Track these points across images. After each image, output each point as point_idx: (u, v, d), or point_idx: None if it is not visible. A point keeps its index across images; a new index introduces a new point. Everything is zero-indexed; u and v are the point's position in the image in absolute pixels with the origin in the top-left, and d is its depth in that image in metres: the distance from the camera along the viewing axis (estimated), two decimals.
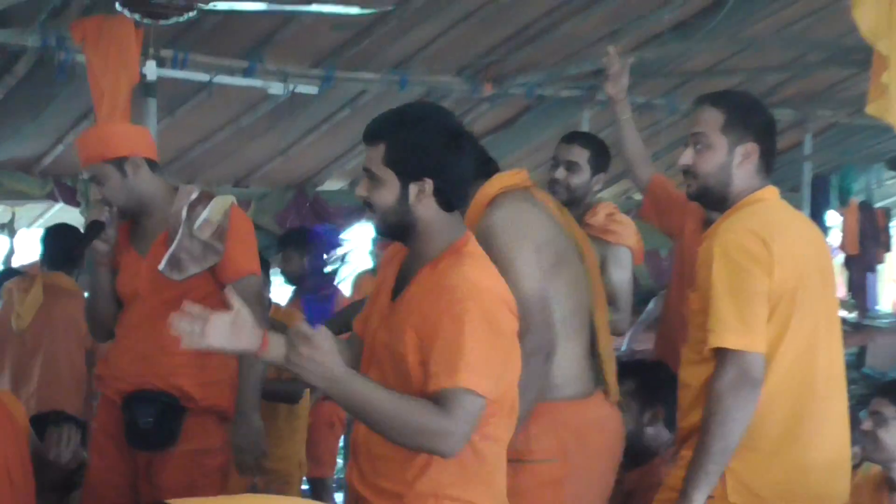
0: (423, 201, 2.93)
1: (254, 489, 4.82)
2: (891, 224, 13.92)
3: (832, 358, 3.45)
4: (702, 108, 3.54)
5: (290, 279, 7.17)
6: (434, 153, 2.94)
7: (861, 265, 13.15)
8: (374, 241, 8.49)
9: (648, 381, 4.40)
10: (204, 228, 4.13)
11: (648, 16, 7.35)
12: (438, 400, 2.73)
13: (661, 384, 4.23)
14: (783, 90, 9.83)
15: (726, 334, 3.27)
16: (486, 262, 2.99)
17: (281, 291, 7.55)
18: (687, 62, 8.35)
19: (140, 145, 4.27)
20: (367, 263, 8.76)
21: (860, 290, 13.34)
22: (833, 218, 12.91)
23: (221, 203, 4.21)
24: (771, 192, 3.50)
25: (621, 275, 4.82)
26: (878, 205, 13.30)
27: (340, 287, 7.80)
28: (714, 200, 3.54)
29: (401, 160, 2.91)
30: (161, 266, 4.13)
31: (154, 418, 4.17)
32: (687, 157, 3.51)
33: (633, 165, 4.77)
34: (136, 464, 4.27)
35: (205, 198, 4.21)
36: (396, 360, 2.88)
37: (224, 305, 2.78)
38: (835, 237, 13.18)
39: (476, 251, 2.99)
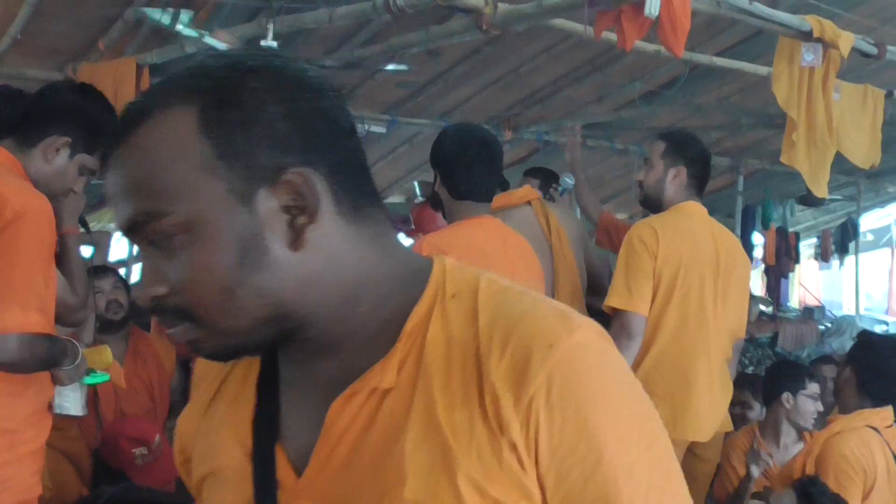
0: (440, 189, 2.96)
1: None
2: (799, 244, 13.82)
3: (716, 333, 3.39)
4: (654, 140, 3.60)
5: None
6: (438, 152, 2.96)
7: (776, 273, 13.06)
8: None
9: None
10: None
11: (626, 85, 7.31)
12: None
13: None
14: (723, 143, 9.78)
15: (615, 297, 3.29)
16: (448, 230, 2.93)
17: None
18: (653, 121, 8.30)
19: None
20: None
21: (775, 291, 13.26)
22: (758, 238, 12.84)
23: None
24: (691, 206, 3.47)
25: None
26: (790, 229, 13.21)
27: None
28: (653, 206, 3.53)
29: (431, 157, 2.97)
30: None
31: None
32: (639, 173, 3.56)
33: (587, 209, 4.48)
34: None
35: None
36: None
37: None
38: (758, 252, 13.11)
39: (454, 226, 2.91)
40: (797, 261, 13.71)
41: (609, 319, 3.37)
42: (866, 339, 3.78)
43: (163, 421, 4.07)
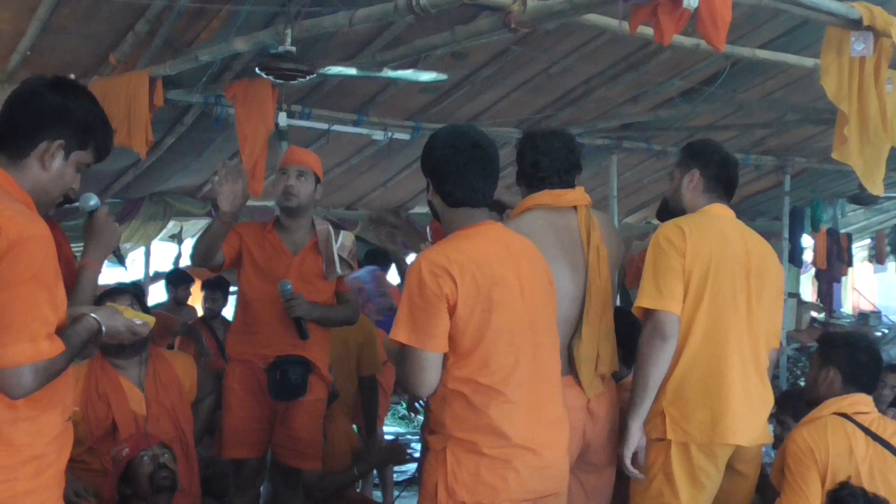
0: (434, 196, 2.94)
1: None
2: (852, 246, 13.70)
3: (750, 334, 3.40)
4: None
5: None
6: (429, 159, 2.93)
7: (828, 278, 12.99)
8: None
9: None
10: (343, 249, 4.36)
11: (663, 83, 7.28)
12: None
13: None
14: (767, 142, 9.74)
15: (645, 298, 3.34)
16: (447, 243, 2.85)
17: None
18: (693, 119, 8.26)
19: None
20: None
21: (827, 297, 13.19)
22: (807, 241, 12.75)
23: (350, 235, 4.49)
24: (717, 208, 3.56)
25: None
26: (842, 231, 13.10)
27: None
28: (676, 215, 3.59)
29: (421, 164, 2.97)
30: (324, 269, 4.38)
31: (300, 376, 4.31)
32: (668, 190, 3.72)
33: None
34: (273, 412, 4.37)
35: (334, 226, 4.46)
36: None
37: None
38: (808, 256, 13.02)
39: (453, 237, 2.87)
40: (850, 264, 13.62)
41: (639, 328, 3.38)
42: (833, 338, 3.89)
43: (191, 448, 4.10)
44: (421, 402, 4.92)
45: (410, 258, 7.76)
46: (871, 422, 3.51)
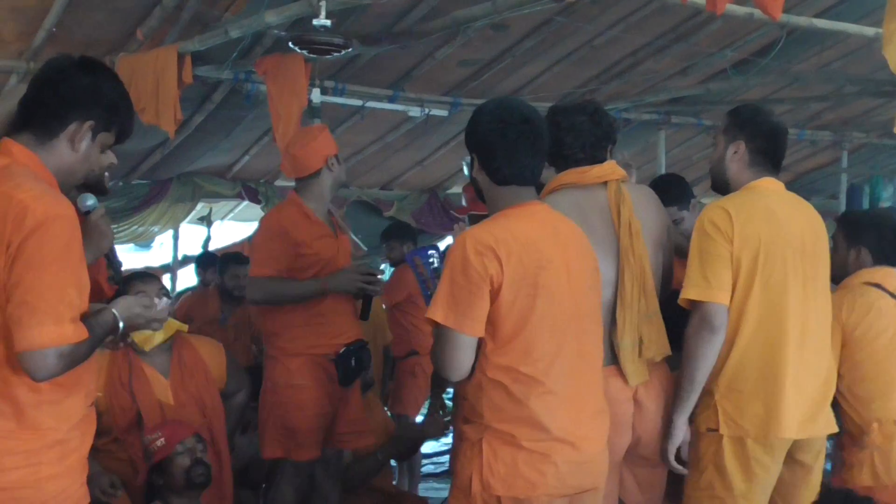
0: (479, 173, 2.87)
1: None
2: None
3: (806, 319, 3.29)
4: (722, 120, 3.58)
5: (394, 264, 6.99)
6: (475, 133, 2.87)
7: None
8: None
9: None
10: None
11: (715, 55, 7.16)
12: None
13: None
14: (824, 116, 9.60)
15: (691, 289, 3.24)
16: (494, 222, 2.78)
17: None
18: (745, 93, 8.13)
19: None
20: None
21: None
22: None
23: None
24: (766, 183, 3.40)
25: None
26: None
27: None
28: (721, 188, 3.50)
29: (466, 139, 2.92)
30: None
31: (369, 358, 4.50)
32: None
33: None
34: (336, 403, 4.38)
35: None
36: None
37: None
38: None
39: (500, 216, 2.80)
40: None
41: (685, 317, 3.26)
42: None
43: (218, 436, 4.06)
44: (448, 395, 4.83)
45: (447, 241, 7.71)
46: None
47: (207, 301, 6.84)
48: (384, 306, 6.63)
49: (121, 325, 2.42)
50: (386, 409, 6.32)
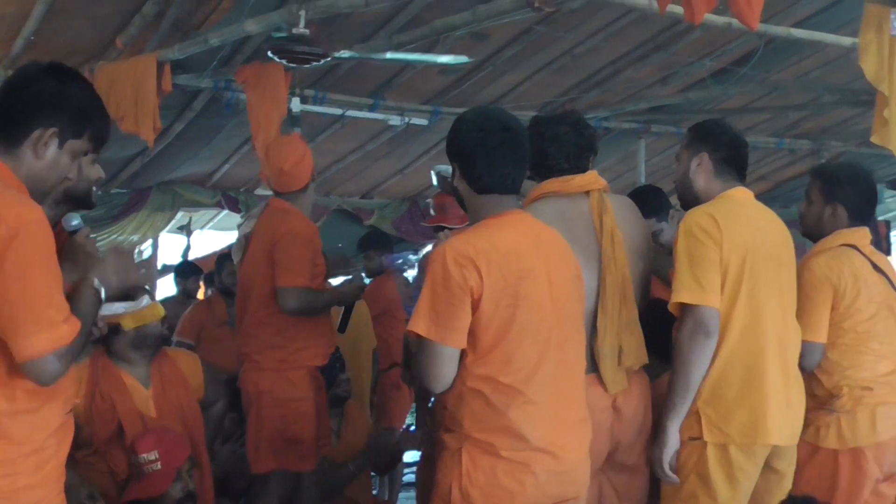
0: (460, 182, 2.88)
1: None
2: (891, 234, 13.61)
3: (784, 328, 3.35)
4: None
5: (371, 275, 6.97)
6: (455, 142, 2.88)
7: None
8: None
9: None
10: None
11: (694, 64, 7.21)
12: None
13: None
14: (802, 125, 9.63)
15: (683, 292, 3.22)
16: (474, 232, 2.79)
17: None
18: (725, 102, 8.20)
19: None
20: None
21: None
22: None
23: None
24: (740, 192, 3.43)
25: None
26: (880, 218, 13.01)
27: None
28: (689, 202, 3.48)
29: (447, 148, 2.92)
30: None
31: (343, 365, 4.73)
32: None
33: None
34: (324, 405, 4.51)
35: None
36: None
37: None
38: None
39: (480, 226, 2.81)
40: (888, 252, 13.49)
41: (664, 326, 3.28)
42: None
43: (199, 448, 4.06)
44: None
45: (426, 249, 7.74)
46: (871, 254, 3.75)
47: (212, 306, 6.80)
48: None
49: (101, 291, 2.41)
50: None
